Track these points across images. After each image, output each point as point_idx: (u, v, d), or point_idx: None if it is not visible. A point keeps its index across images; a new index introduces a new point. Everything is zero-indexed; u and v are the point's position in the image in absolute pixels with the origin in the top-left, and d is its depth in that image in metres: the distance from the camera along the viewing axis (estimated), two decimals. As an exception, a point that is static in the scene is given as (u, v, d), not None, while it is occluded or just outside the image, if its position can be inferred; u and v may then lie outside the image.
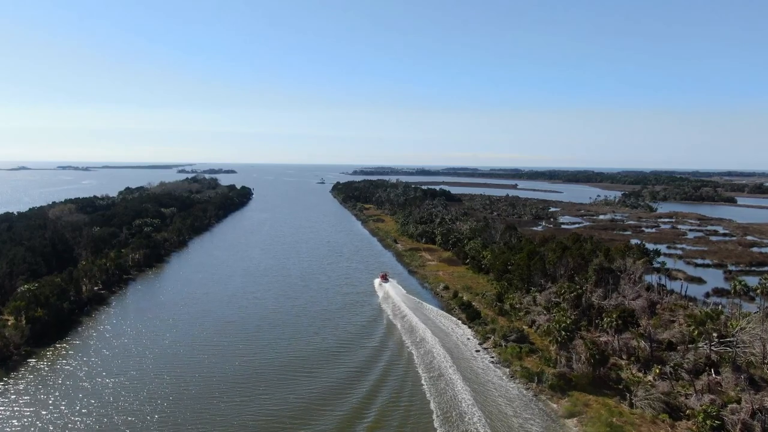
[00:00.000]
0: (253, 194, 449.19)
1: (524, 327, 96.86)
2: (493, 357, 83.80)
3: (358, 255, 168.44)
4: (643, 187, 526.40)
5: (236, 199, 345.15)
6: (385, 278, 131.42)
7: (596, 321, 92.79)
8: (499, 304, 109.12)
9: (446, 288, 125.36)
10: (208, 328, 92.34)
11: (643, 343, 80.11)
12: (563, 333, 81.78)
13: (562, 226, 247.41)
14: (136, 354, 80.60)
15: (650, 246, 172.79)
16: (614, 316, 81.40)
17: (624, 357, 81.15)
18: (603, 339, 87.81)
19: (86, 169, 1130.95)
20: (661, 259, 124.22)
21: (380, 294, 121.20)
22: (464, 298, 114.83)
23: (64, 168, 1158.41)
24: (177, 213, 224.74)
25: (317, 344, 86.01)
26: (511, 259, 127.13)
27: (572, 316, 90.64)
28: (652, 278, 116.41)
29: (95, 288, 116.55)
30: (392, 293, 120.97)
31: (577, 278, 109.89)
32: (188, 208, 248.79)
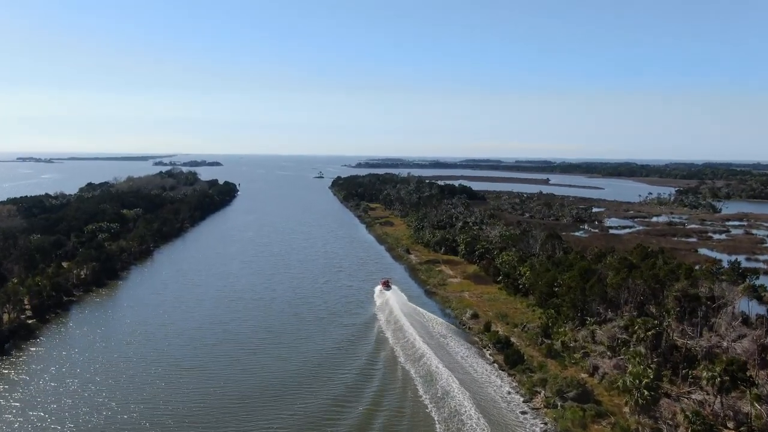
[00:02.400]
0: (238, 191, 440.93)
1: (583, 375, 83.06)
2: (546, 424, 69.66)
3: (363, 269, 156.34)
4: (700, 183, 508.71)
5: (217, 197, 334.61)
6: (386, 285, 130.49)
7: (683, 370, 78.48)
8: (546, 341, 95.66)
9: (475, 316, 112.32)
10: (154, 380, 78.84)
11: (759, 408, 65.67)
12: (645, 392, 67.56)
13: (610, 231, 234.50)
14: (53, 422, 67.14)
15: (722, 257, 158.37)
16: (717, 370, 66.88)
17: (731, 425, 66.82)
18: (696, 397, 73.59)
19: (49, 161, 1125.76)
20: (759, 281, 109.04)
21: (382, 303, 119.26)
22: (500, 332, 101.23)
23: (24, 160, 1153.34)
24: (142, 215, 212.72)
25: (305, 407, 72.13)
26: (558, 279, 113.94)
27: (652, 365, 76.51)
28: (748, 306, 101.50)
29: (22, 316, 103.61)
30: (398, 311, 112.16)
31: (651, 308, 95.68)
32: (157, 209, 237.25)
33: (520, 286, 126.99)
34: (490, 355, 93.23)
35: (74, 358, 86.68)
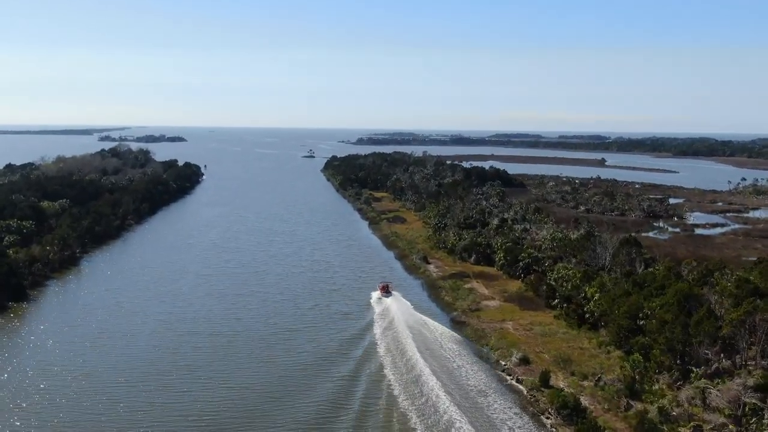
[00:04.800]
0: (203, 175, 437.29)
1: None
2: None
3: (366, 287, 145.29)
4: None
5: (174, 183, 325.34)
6: (386, 290, 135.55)
7: None
8: (633, 404, 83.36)
9: (525, 361, 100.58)
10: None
11: None
12: None
13: (696, 231, 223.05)
14: None
15: None
16: None
17: None
18: None
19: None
20: None
21: (383, 322, 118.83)
22: (564, 388, 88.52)
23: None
24: (69, 209, 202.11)
25: None
26: (644, 307, 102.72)
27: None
28: None
29: None
30: (411, 345, 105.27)
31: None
32: (91, 200, 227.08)
33: (587, 315, 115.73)
34: (552, 425, 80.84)
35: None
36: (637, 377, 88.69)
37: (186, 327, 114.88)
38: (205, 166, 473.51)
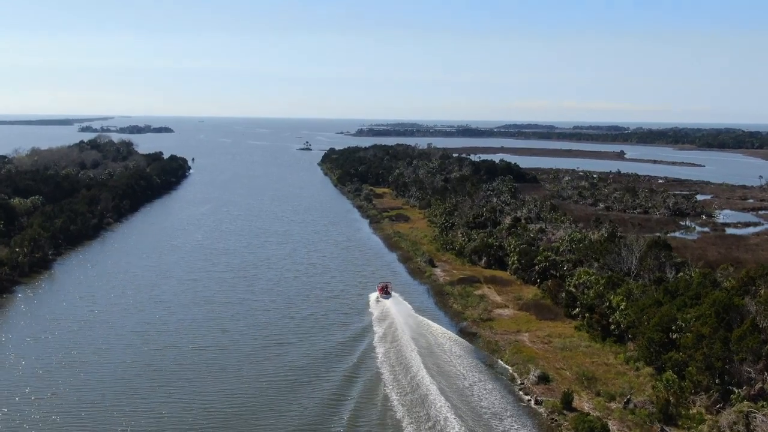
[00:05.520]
0: (190, 169, 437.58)
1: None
2: None
3: (366, 293, 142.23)
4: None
5: (158, 178, 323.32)
6: (385, 291, 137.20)
7: None
8: (669, 430, 79.82)
9: (544, 379, 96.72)
10: None
11: None
12: None
13: (727, 231, 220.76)
14: None
15: None
16: None
17: None
18: None
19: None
20: None
21: (382, 322, 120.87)
22: (588, 411, 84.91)
23: None
24: (42, 206, 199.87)
25: None
26: (678, 319, 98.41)
27: None
28: None
29: None
30: (416, 356, 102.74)
31: None
32: (67, 197, 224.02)
33: (612, 327, 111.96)
34: (576, 455, 76.99)
35: None
36: (671, 399, 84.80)
37: (166, 340, 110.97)
38: (193, 159, 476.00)
